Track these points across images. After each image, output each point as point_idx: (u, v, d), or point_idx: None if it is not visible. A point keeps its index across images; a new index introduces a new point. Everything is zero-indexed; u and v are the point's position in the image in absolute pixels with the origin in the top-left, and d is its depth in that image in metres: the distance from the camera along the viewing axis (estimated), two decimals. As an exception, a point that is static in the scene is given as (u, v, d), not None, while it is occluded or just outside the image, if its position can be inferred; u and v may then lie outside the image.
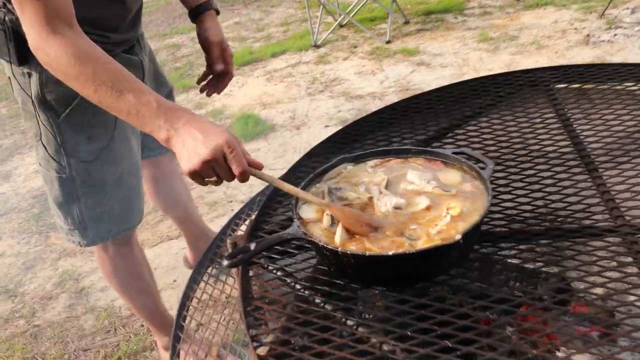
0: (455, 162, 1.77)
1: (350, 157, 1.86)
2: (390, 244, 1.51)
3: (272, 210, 1.96)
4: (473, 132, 2.19)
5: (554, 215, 1.75)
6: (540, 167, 1.94)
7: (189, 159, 1.51)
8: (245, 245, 1.52)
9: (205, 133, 1.54)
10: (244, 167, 1.56)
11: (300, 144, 4.77)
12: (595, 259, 1.53)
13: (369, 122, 2.36)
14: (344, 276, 1.57)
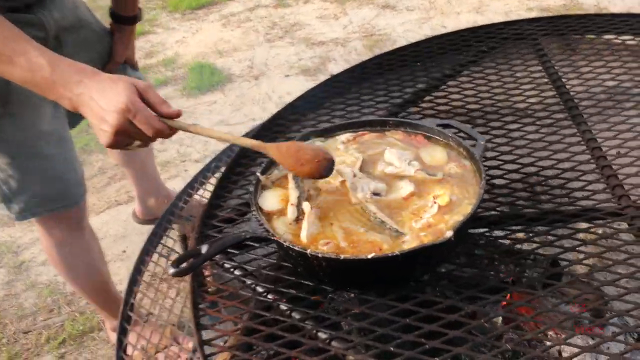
0: (440, 137, 1.52)
1: (318, 131, 1.60)
2: (367, 244, 1.27)
3: (227, 192, 1.70)
4: (455, 95, 1.94)
5: (550, 194, 1.53)
6: (532, 137, 1.71)
7: (102, 135, 1.38)
8: (195, 247, 1.27)
9: (104, 100, 1.34)
10: (154, 128, 1.36)
11: (259, 95, 4.46)
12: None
13: (338, 82, 2.09)
14: (314, 277, 1.33)
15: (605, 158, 1.61)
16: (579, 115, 1.77)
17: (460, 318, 1.26)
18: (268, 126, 1.92)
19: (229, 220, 1.59)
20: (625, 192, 1.50)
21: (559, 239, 1.39)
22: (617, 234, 1.39)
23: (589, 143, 1.67)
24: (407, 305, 1.27)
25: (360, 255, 1.21)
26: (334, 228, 1.31)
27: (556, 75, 1.95)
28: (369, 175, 1.45)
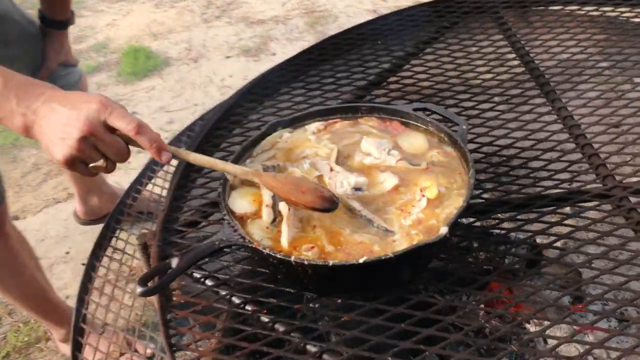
0: (419, 123, 1.42)
1: (285, 122, 1.47)
2: (356, 245, 1.16)
3: (185, 191, 1.55)
4: (422, 74, 1.84)
5: (533, 177, 1.45)
6: (507, 117, 1.63)
7: (59, 145, 1.14)
8: (163, 263, 1.12)
9: (70, 103, 1.13)
10: (136, 121, 1.15)
11: (200, 79, 4.25)
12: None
13: (295, 65, 1.95)
14: (296, 284, 1.22)
15: (584, 136, 1.55)
16: (552, 91, 1.71)
17: (458, 320, 1.18)
18: (224, 116, 1.77)
19: (192, 223, 1.44)
20: (609, 171, 1.44)
21: (550, 227, 1.31)
22: (608, 217, 1.33)
23: (566, 121, 1.61)
24: (400, 308, 1.17)
25: (351, 260, 1.09)
26: (317, 230, 1.20)
27: (523, 49, 1.88)
28: (347, 168, 1.33)
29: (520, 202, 1.38)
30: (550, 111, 1.65)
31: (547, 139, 1.55)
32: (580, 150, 1.52)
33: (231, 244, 1.15)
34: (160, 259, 1.34)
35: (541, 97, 1.70)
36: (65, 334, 2.40)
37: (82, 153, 1.14)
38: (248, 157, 1.38)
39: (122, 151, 1.17)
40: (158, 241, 1.37)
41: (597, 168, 1.46)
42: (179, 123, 3.67)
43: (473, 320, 1.18)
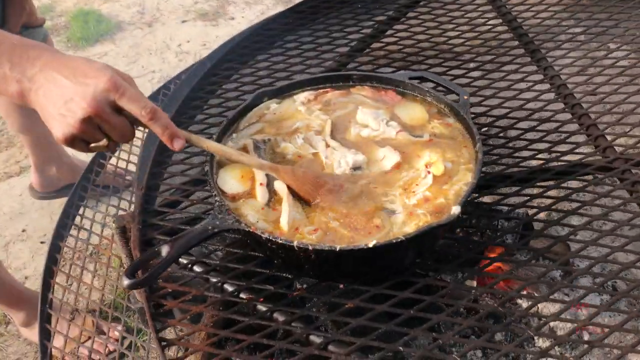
0: (415, 92, 1.33)
1: (271, 91, 1.36)
2: (360, 221, 1.07)
3: (163, 168, 1.42)
4: (407, 40, 1.74)
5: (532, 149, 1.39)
6: (500, 85, 1.56)
7: (60, 121, 1.02)
8: (151, 251, 1.01)
9: (76, 76, 1.01)
10: (151, 105, 1.05)
11: (156, 44, 4.04)
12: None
13: (271, 29, 1.83)
14: (295, 269, 1.13)
15: (581, 106, 1.49)
16: (544, 59, 1.64)
17: (469, 304, 1.11)
18: (199, 86, 1.64)
19: (173, 203, 1.33)
20: (609, 143, 1.39)
21: (557, 202, 1.26)
22: (613, 191, 1.28)
23: (561, 89, 1.55)
24: (407, 293, 1.10)
25: (359, 244, 1.01)
26: (317, 210, 1.10)
27: (510, 13, 1.81)
28: (343, 142, 1.24)
29: (522, 177, 1.32)
30: (543, 79, 1.59)
31: (542, 109, 1.49)
32: (578, 121, 1.47)
33: (226, 229, 1.05)
34: (141, 243, 1.23)
35: (533, 65, 1.64)
36: (26, 317, 2.25)
37: (84, 133, 1.03)
38: (234, 131, 1.27)
39: (127, 133, 1.07)
40: (138, 224, 1.25)
41: (597, 139, 1.41)
42: (135, 91, 3.49)
43: (485, 306, 1.11)
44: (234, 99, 1.58)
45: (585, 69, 1.59)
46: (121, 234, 1.25)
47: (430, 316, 1.07)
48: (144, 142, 1.60)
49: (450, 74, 1.61)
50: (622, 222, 1.20)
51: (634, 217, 1.22)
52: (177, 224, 1.26)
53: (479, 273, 1.21)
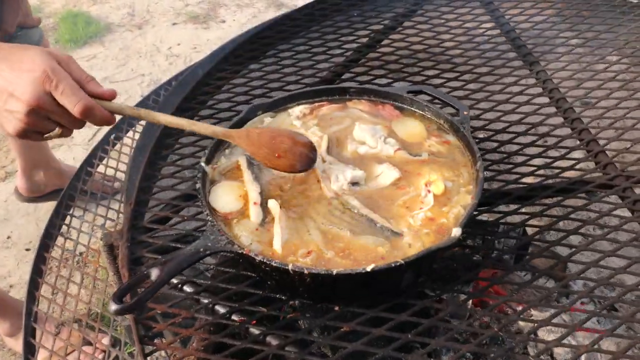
0: (414, 107, 1.30)
1: (266, 105, 1.32)
2: (359, 250, 1.04)
3: (152, 182, 1.38)
4: (403, 50, 1.71)
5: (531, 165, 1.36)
6: (498, 98, 1.53)
7: (7, 118, 1.04)
8: (140, 274, 0.97)
9: (12, 68, 1.01)
10: (83, 102, 1.03)
11: (146, 47, 3.99)
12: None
13: (265, 38, 1.79)
14: (289, 291, 1.09)
15: (581, 121, 1.46)
16: (543, 71, 1.61)
17: (469, 328, 1.08)
18: (190, 95, 1.60)
19: (163, 219, 1.29)
20: (610, 159, 1.36)
21: (557, 221, 1.23)
22: (615, 210, 1.25)
23: (560, 103, 1.52)
24: (404, 316, 1.06)
25: (358, 268, 0.97)
26: (312, 232, 1.06)
27: (508, 24, 1.78)
28: (340, 158, 1.20)
29: (521, 194, 1.28)
30: (542, 93, 1.56)
31: (541, 123, 1.46)
32: (578, 136, 1.44)
33: (218, 251, 1.01)
34: (129, 262, 1.18)
35: (532, 78, 1.61)
36: (10, 327, 2.20)
37: (33, 126, 1.04)
38: (227, 147, 1.23)
39: (76, 120, 1.05)
40: (126, 241, 1.21)
41: (597, 155, 1.38)
42: (125, 95, 3.44)
43: (486, 330, 1.07)
44: (227, 110, 1.54)
45: (584, 81, 1.56)
46: (109, 251, 1.21)
47: (429, 341, 1.04)
48: (133, 150, 1.55)
49: (447, 86, 1.57)
50: (624, 243, 1.17)
51: (636, 238, 1.19)
52: (167, 242, 1.21)
53: (478, 294, 1.17)
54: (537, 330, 1.08)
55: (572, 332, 1.06)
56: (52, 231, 1.73)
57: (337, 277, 0.96)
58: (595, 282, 1.11)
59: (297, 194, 1.14)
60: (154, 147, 1.42)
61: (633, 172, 1.33)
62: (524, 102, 1.52)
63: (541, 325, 1.08)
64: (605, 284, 1.10)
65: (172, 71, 3.60)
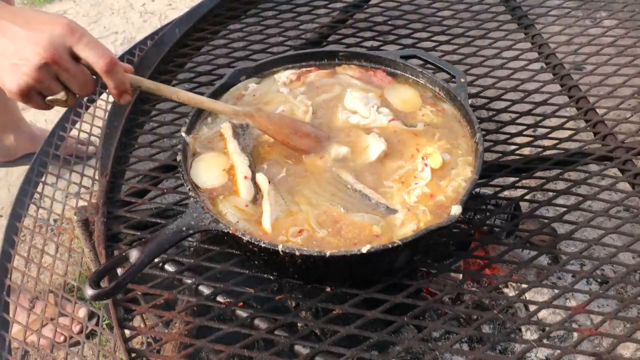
0: (407, 73, 1.23)
1: (250, 69, 1.23)
2: (352, 227, 0.97)
3: (129, 152, 1.29)
4: (392, 10, 1.62)
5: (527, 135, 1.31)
6: (493, 63, 1.47)
7: (13, 72, 0.94)
8: (118, 256, 0.90)
9: (29, 24, 0.93)
10: (110, 55, 0.96)
11: (119, 3, 3.81)
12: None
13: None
14: (279, 271, 1.03)
15: (579, 88, 1.40)
16: (539, 35, 1.54)
17: (467, 310, 1.03)
18: (169, 58, 1.50)
19: (141, 192, 1.21)
20: (609, 130, 1.31)
21: (556, 196, 1.18)
22: (615, 184, 1.20)
23: (557, 70, 1.46)
24: (400, 297, 1.01)
25: (352, 249, 0.91)
26: (303, 208, 1.00)
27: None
28: (330, 127, 1.13)
29: (519, 166, 1.23)
30: (538, 58, 1.49)
31: (538, 90, 1.40)
32: (576, 105, 1.38)
33: (202, 230, 0.94)
34: (106, 239, 1.11)
35: (527, 42, 1.54)
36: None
37: (40, 83, 0.94)
38: (209, 115, 1.15)
39: (88, 84, 0.98)
40: (102, 216, 1.13)
41: (596, 125, 1.33)
42: (97, 53, 3.29)
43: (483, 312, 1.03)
44: (207, 74, 1.45)
45: (582, 47, 1.50)
46: (84, 227, 1.13)
47: (426, 324, 0.99)
48: (107, 115, 1.46)
49: (440, 50, 1.50)
50: (626, 219, 1.12)
51: (637, 214, 1.15)
52: (147, 216, 1.14)
53: (475, 274, 1.12)
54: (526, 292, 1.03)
55: (562, 294, 1.02)
56: (23, 199, 1.63)
57: (330, 259, 0.90)
58: (597, 262, 1.07)
59: (285, 167, 1.06)
60: (130, 113, 1.33)
61: (633, 143, 1.28)
62: (520, 67, 1.45)
63: (531, 286, 1.04)
64: (609, 263, 1.06)
65: (146, 29, 3.46)
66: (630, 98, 1.37)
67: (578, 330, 0.97)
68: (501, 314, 1.00)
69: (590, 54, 1.47)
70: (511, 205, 1.28)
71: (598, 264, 1.07)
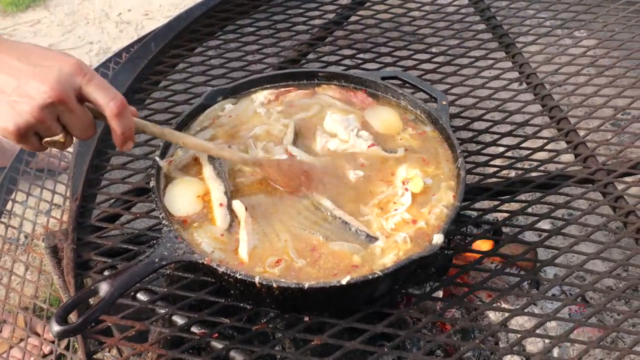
0: (389, 94, 1.20)
1: (227, 90, 1.20)
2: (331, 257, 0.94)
3: (101, 174, 1.25)
4: (373, 28, 1.60)
5: (508, 157, 1.29)
6: (474, 83, 1.45)
7: (11, 110, 0.85)
8: (87, 289, 0.86)
9: (30, 59, 0.85)
10: (120, 98, 0.90)
11: (94, 12, 3.76)
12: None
13: (224, 12, 1.65)
14: (255, 301, 0.99)
15: (559, 109, 1.39)
16: (519, 54, 1.53)
17: (449, 340, 1.00)
18: (143, 75, 1.46)
19: (113, 217, 1.17)
20: (590, 152, 1.30)
21: (538, 220, 1.16)
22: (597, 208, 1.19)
23: (538, 90, 1.45)
24: (380, 327, 0.98)
25: (331, 281, 0.88)
26: (282, 236, 0.97)
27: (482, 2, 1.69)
28: (308, 153, 1.10)
29: (500, 189, 1.21)
30: (520, 78, 1.48)
31: (519, 111, 1.39)
32: (557, 125, 1.37)
33: (176, 261, 0.90)
34: (75, 266, 1.06)
35: (508, 61, 1.53)
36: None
37: (42, 124, 0.86)
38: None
39: (90, 127, 0.91)
40: (71, 243, 1.09)
41: (577, 147, 1.31)
42: (71, 64, 3.23)
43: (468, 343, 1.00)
44: (183, 92, 1.41)
45: (563, 66, 1.49)
46: (52, 254, 1.09)
47: (406, 355, 0.96)
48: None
49: (420, 68, 1.48)
50: (608, 244, 1.11)
51: (620, 238, 1.13)
52: (118, 243, 1.10)
53: (448, 282, 1.09)
54: (507, 321, 1.02)
55: (544, 322, 1.00)
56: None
57: (309, 291, 0.87)
58: (579, 289, 1.05)
59: (261, 194, 1.03)
60: (102, 134, 1.29)
61: (614, 165, 1.27)
62: (501, 87, 1.44)
63: (513, 315, 1.02)
64: (592, 290, 1.04)
65: (122, 39, 3.41)
66: (611, 119, 1.36)
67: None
68: (483, 343, 0.97)
69: (571, 74, 1.46)
70: (492, 230, 1.26)
71: (580, 292, 1.06)
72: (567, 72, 1.47)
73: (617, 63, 1.48)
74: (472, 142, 1.33)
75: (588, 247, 1.14)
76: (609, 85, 1.43)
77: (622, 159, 1.29)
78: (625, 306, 1.58)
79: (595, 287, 1.06)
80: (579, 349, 0.96)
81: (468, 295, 1.07)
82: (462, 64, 1.50)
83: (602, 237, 1.16)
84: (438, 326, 1.31)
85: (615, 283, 1.55)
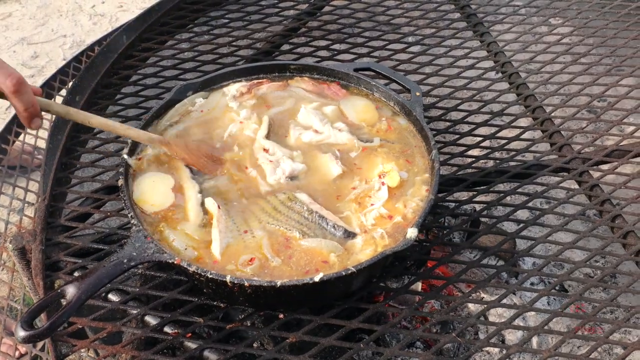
0: (362, 86, 1.19)
1: (197, 84, 1.17)
2: (304, 254, 0.93)
3: (70, 172, 1.22)
4: (347, 18, 1.58)
5: (484, 147, 1.28)
6: (449, 72, 1.44)
7: None
8: (53, 293, 0.83)
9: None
10: (18, 77, 0.92)
11: (67, 5, 3.69)
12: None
13: (194, 4, 1.62)
14: (228, 299, 0.97)
15: (535, 97, 1.39)
16: (494, 42, 1.52)
17: (427, 334, 0.99)
18: (113, 70, 1.43)
19: (83, 216, 1.14)
20: (565, 140, 1.29)
21: (514, 210, 1.15)
22: (573, 197, 1.19)
23: (513, 78, 1.44)
24: (356, 322, 0.96)
25: (304, 279, 0.87)
26: (256, 233, 0.95)
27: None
28: (282, 146, 1.08)
29: (476, 179, 1.20)
30: (494, 67, 1.47)
31: (495, 100, 1.38)
32: (532, 114, 1.36)
33: (145, 261, 0.88)
34: (44, 268, 1.04)
35: (483, 50, 1.52)
36: None
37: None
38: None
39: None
40: (40, 244, 1.06)
41: (552, 136, 1.31)
42: (44, 58, 3.17)
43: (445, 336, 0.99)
44: (154, 87, 1.39)
45: (538, 54, 1.48)
46: (20, 256, 1.06)
47: (383, 350, 0.95)
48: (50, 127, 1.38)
49: (395, 59, 1.46)
50: (583, 233, 1.11)
51: (596, 227, 1.13)
52: (89, 242, 1.08)
53: (426, 275, 1.09)
54: (486, 312, 1.01)
55: (522, 313, 1.00)
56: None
57: (281, 289, 0.86)
58: (555, 278, 1.05)
59: (233, 189, 1.01)
60: (71, 131, 1.26)
61: (589, 154, 1.27)
62: (476, 76, 1.43)
63: (491, 306, 1.01)
64: (567, 279, 1.04)
65: (96, 32, 3.35)
66: (587, 107, 1.36)
67: (537, 351, 0.95)
68: (462, 335, 0.97)
69: (546, 62, 1.46)
70: (469, 221, 1.25)
71: (557, 281, 1.06)
72: (542, 60, 1.46)
73: (591, 50, 1.47)
74: (448, 132, 1.32)
75: (566, 236, 1.14)
76: (583, 73, 1.43)
77: (597, 147, 1.29)
78: (604, 293, 1.58)
79: (571, 276, 1.05)
80: (558, 338, 0.95)
81: (446, 287, 1.07)
82: (437, 53, 1.49)
83: (580, 225, 1.16)
84: (417, 319, 1.30)
85: (592, 271, 1.56)
